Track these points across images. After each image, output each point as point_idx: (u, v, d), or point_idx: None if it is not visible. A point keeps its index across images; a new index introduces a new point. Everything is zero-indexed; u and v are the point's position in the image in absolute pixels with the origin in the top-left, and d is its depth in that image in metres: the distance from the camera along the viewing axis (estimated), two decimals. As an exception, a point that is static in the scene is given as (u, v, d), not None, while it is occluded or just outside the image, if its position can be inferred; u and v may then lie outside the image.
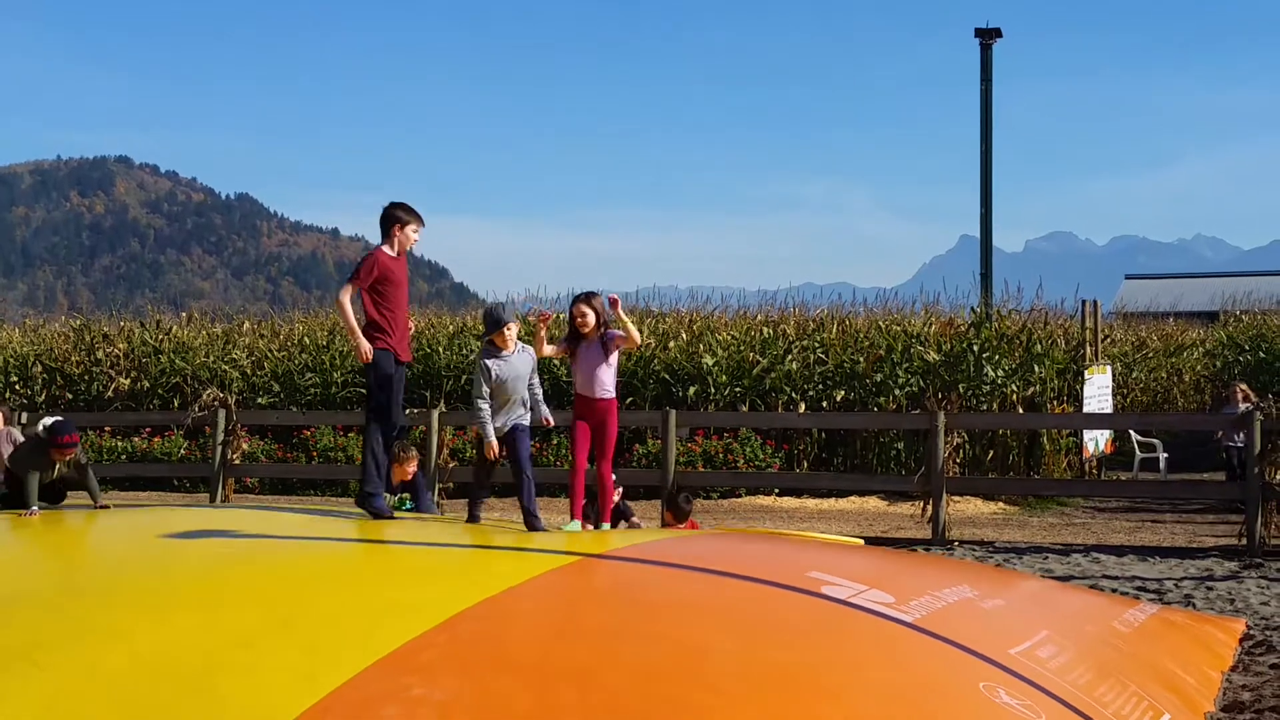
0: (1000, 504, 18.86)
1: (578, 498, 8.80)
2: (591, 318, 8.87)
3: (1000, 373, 20.35)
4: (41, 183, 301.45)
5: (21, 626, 5.75)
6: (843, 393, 21.09)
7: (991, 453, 20.22)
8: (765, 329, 23.17)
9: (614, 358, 8.89)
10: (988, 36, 23.47)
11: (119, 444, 22.69)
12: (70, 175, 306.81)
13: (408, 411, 19.92)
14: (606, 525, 8.94)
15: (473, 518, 9.00)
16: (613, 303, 8.89)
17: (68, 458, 9.66)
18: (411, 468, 11.88)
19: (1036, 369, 20.68)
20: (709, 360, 21.79)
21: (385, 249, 8.84)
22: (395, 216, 8.87)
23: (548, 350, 9.07)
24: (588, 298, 9.00)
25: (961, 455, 17.98)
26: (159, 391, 24.91)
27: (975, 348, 20.59)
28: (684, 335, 23.12)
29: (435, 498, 16.40)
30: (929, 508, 14.95)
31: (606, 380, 8.84)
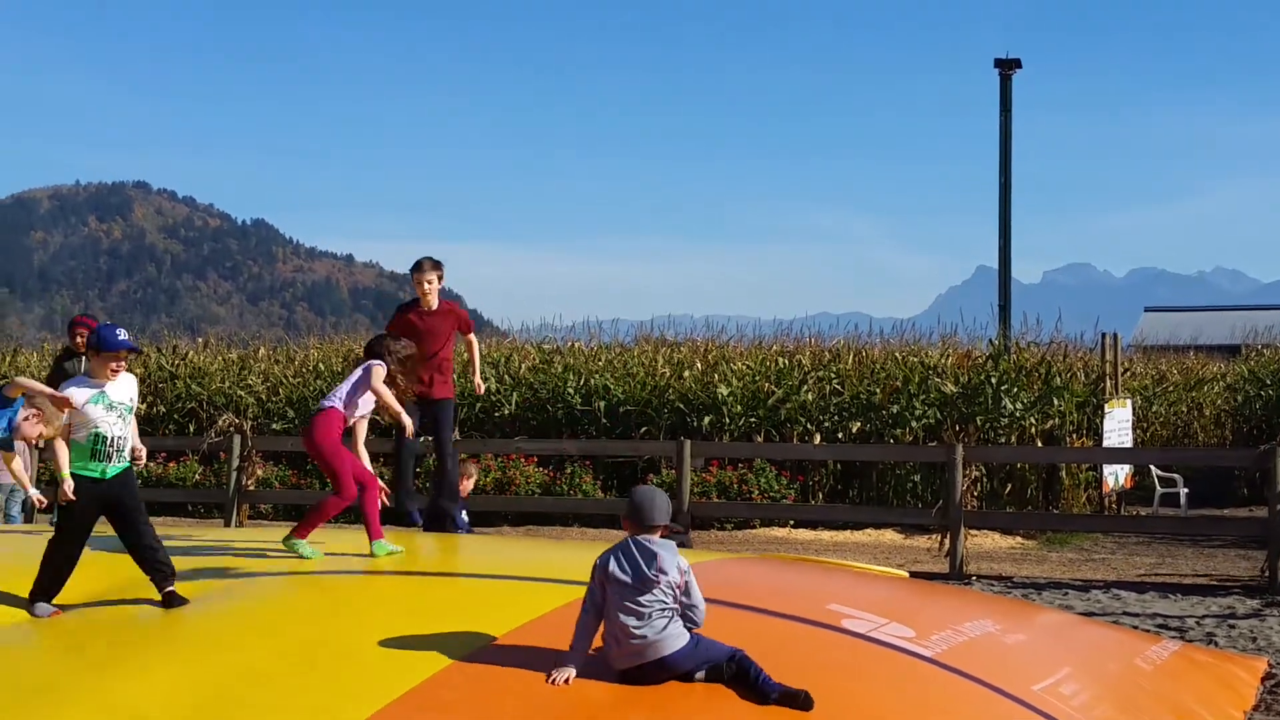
0: (1018, 538, 18.69)
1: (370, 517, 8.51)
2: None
3: (1019, 406, 20.22)
4: (60, 207, 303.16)
5: (43, 660, 5.72)
6: (859, 424, 20.96)
7: (1010, 486, 20.07)
8: (781, 359, 23.06)
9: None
10: (1007, 67, 23.45)
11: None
12: (88, 200, 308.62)
13: (420, 439, 19.94)
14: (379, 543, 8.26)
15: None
16: None
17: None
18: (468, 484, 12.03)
19: (1056, 402, 20.53)
20: (724, 390, 21.69)
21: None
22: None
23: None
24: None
25: (979, 488, 17.86)
26: (175, 417, 24.90)
27: (993, 380, 20.47)
28: (699, 365, 23.02)
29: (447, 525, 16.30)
30: (946, 541, 14.81)
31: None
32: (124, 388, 7.00)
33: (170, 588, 6.73)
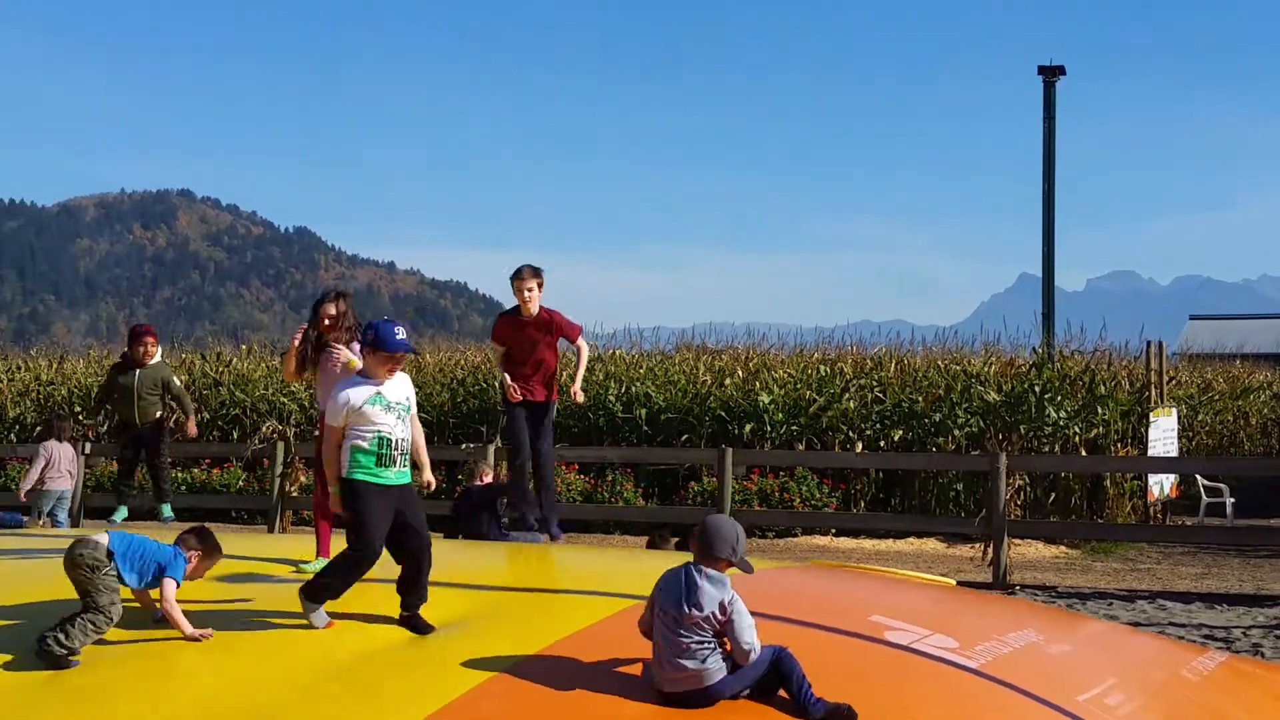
0: (1063, 548, 18.56)
1: (323, 531, 8.35)
2: (341, 320, 8.17)
3: (1063, 414, 20.08)
4: (105, 215, 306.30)
5: (88, 662, 5.76)
6: (901, 432, 20.89)
7: (1054, 495, 19.94)
8: (822, 367, 23.01)
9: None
10: (1051, 74, 23.33)
11: (179, 475, 22.83)
12: (134, 208, 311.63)
13: (464, 446, 20.03)
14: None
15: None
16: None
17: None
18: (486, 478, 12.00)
19: (1100, 411, 20.39)
20: (765, 398, 21.66)
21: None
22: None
23: (294, 374, 8.48)
24: (338, 294, 8.37)
25: (1023, 497, 17.78)
26: (219, 423, 25.08)
27: (1037, 388, 20.35)
28: (740, 373, 23.00)
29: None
30: (989, 551, 14.73)
31: None
32: (400, 387, 6.57)
33: (415, 613, 6.30)
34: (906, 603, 7.70)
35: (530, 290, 9.90)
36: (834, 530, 19.55)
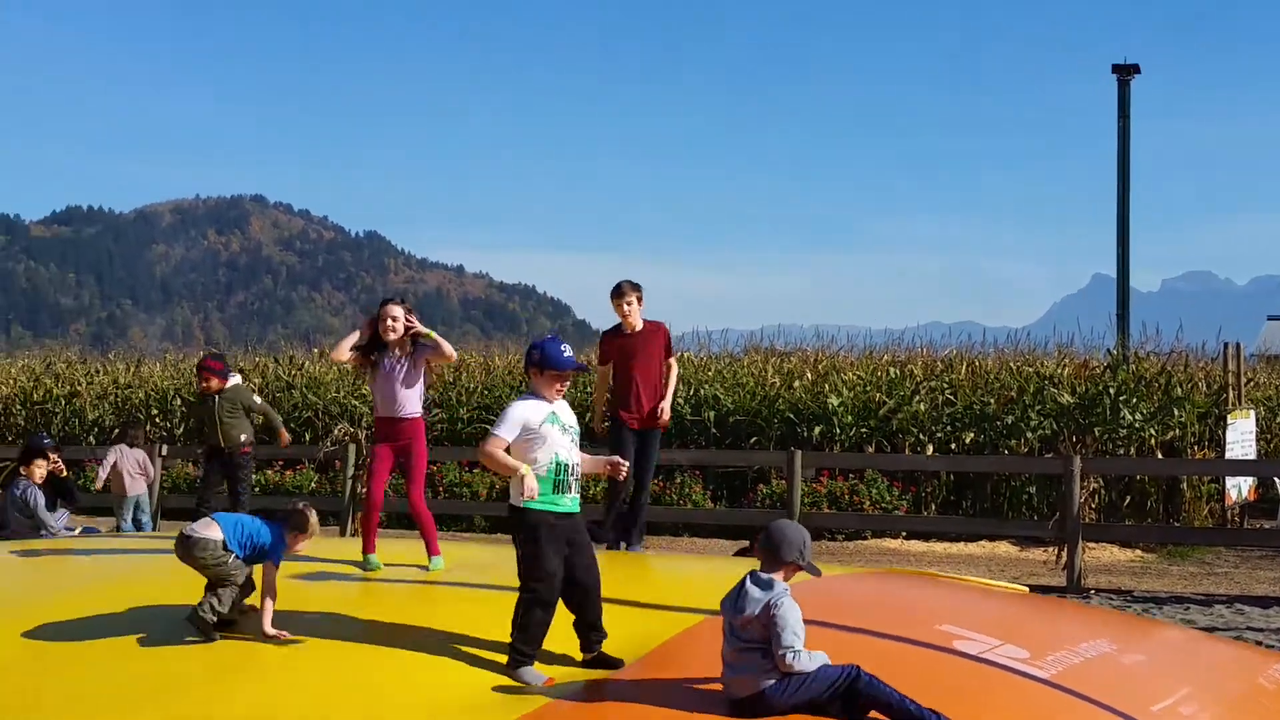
0: (1138, 551, 18.31)
1: (370, 534, 8.21)
2: (401, 324, 8.12)
3: (1138, 416, 19.80)
4: (181, 221, 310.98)
5: (170, 662, 5.83)
6: (972, 435, 20.70)
7: (1129, 498, 19.67)
8: (892, 369, 22.86)
9: (422, 371, 8.19)
10: (1125, 73, 23.05)
11: (252, 476, 23.11)
12: (208, 214, 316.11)
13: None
14: (438, 558, 8.12)
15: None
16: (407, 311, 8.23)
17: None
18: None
19: (1176, 413, 20.09)
20: (834, 400, 21.55)
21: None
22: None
23: (345, 355, 8.35)
24: (401, 299, 8.33)
25: (1097, 501, 17.56)
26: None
27: (1111, 390, 20.08)
28: (809, 375, 22.91)
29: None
30: (1063, 554, 14.56)
31: (416, 397, 8.19)
32: (569, 409, 6.24)
33: (600, 649, 5.99)
34: (976, 612, 7.63)
35: (630, 305, 9.60)
36: (904, 533, 19.41)
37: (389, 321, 8.01)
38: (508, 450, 5.93)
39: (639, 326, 9.72)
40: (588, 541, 6.09)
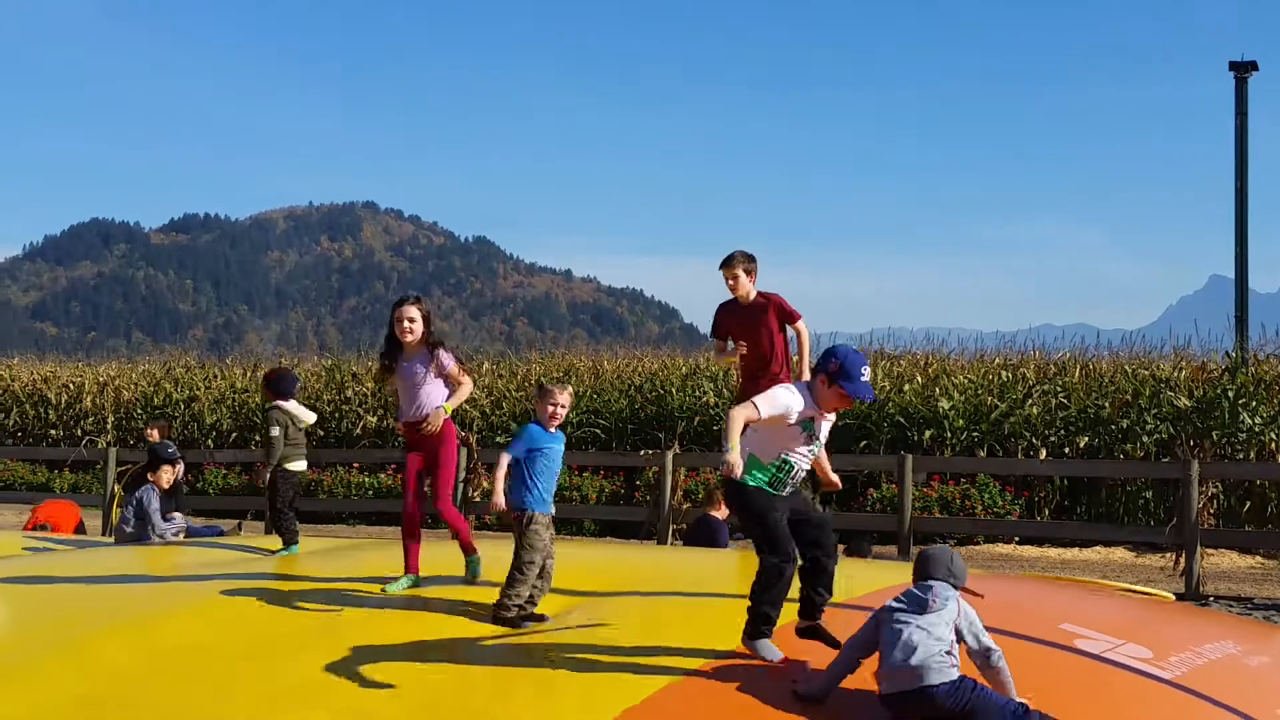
0: (1258, 558, 17.91)
1: (410, 554, 7.63)
2: (420, 325, 7.75)
3: (1258, 420, 19.38)
4: (294, 228, 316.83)
5: (286, 658, 5.98)
6: (1086, 439, 20.41)
7: (1249, 504, 19.25)
8: (1004, 372, 22.62)
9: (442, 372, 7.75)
10: (1242, 70, 22.55)
11: (366, 480, 23.48)
12: (321, 221, 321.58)
13: (642, 453, 20.22)
14: (477, 556, 7.65)
15: None
16: None
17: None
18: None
19: (1298, 416, 19.62)
20: (945, 404, 21.37)
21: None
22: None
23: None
24: (417, 298, 7.93)
25: (1216, 506, 17.22)
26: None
27: (1230, 393, 19.68)
28: (919, 378, 22.74)
29: (671, 539, 16.47)
30: (1181, 561, 14.31)
31: (439, 397, 7.79)
32: (828, 427, 5.99)
33: (819, 619, 5.88)
34: (1097, 612, 7.55)
35: (736, 276, 8.99)
36: (1017, 539, 19.18)
37: (405, 323, 7.70)
38: (747, 428, 5.72)
39: (751, 296, 9.18)
40: (805, 502, 5.95)
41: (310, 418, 10.64)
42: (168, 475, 12.36)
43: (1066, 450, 20.49)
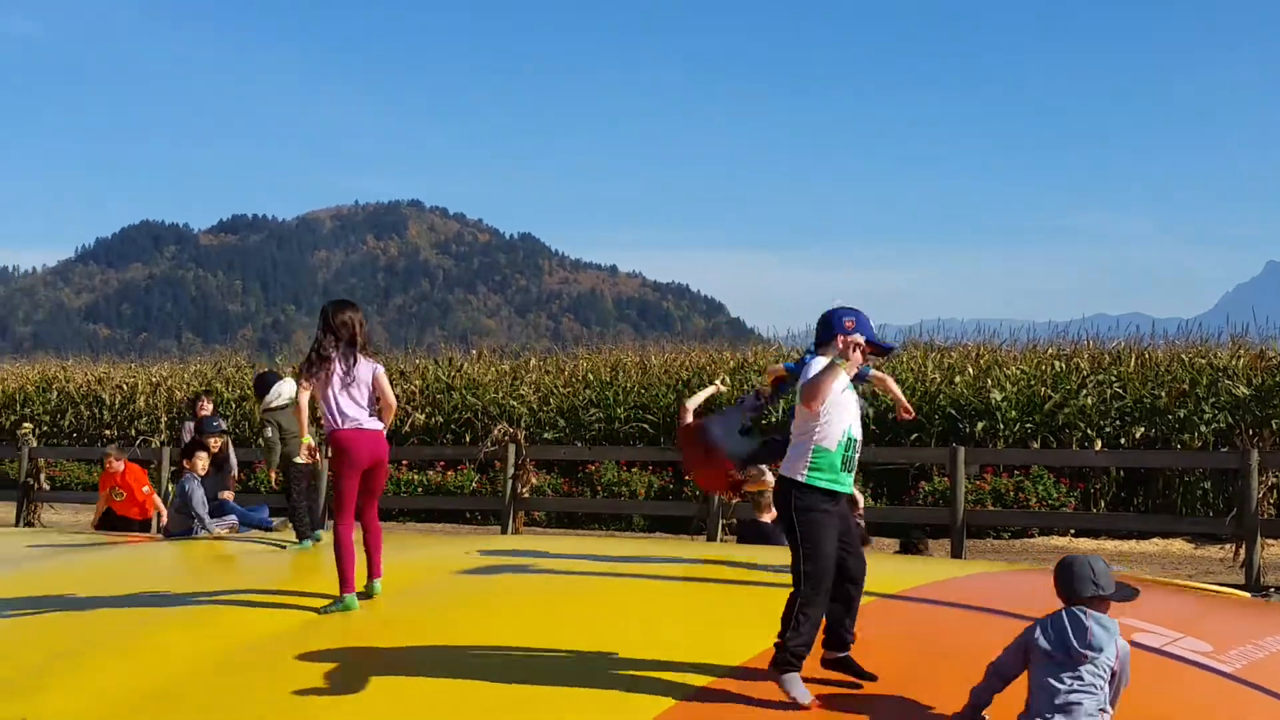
0: (1320, 548, 17.63)
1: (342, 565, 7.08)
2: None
3: (1319, 408, 19.09)
4: (341, 227, 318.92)
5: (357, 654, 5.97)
6: (1142, 429, 20.17)
7: (1311, 493, 18.96)
8: (1057, 362, 22.38)
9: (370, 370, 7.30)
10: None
11: (415, 477, 23.53)
12: (367, 220, 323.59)
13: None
14: (377, 583, 7.20)
15: None
16: None
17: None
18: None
19: (1359, 403, 19.31)
20: (997, 395, 21.17)
21: None
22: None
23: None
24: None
25: (1276, 495, 16.93)
26: (451, 426, 25.73)
27: (1290, 381, 19.39)
28: (970, 370, 22.54)
29: (720, 534, 16.38)
30: (1241, 552, 14.09)
31: (365, 404, 7.29)
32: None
33: (848, 653, 5.49)
34: (1156, 605, 7.42)
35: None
36: (1073, 531, 18.99)
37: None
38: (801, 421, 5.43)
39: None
40: (852, 528, 5.54)
41: (290, 391, 10.53)
42: (203, 461, 11.93)
43: (1122, 441, 20.26)
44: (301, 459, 8.80)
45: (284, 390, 10.54)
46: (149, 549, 10.96)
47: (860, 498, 6.38)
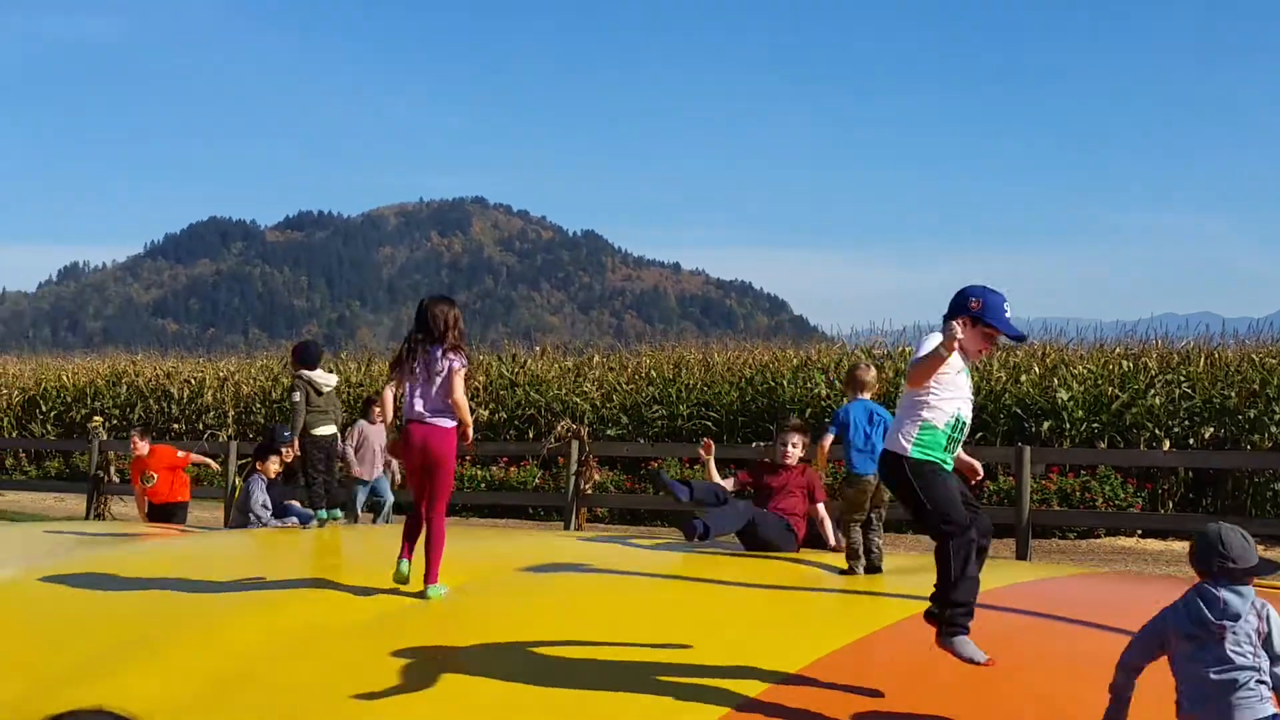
0: (1394, 552, 17.33)
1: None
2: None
3: (1392, 408, 18.74)
4: (405, 224, 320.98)
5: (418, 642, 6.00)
6: (1212, 429, 19.88)
7: (1383, 496, 18.63)
8: (1125, 362, 22.11)
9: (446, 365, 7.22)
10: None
11: (479, 473, 23.63)
12: (431, 216, 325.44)
13: (754, 445, 20.06)
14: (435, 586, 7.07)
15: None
16: None
17: None
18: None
19: None
20: (1064, 394, 20.95)
21: None
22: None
23: None
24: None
25: (1350, 498, 16.67)
26: (515, 422, 25.81)
27: (1363, 381, 19.05)
28: (1036, 369, 22.31)
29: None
30: (1314, 555, 13.86)
31: (433, 398, 7.33)
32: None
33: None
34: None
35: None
36: (1140, 531, 18.75)
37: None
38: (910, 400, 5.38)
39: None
40: (967, 491, 5.42)
41: (331, 380, 11.05)
42: (275, 465, 12.07)
43: (1191, 441, 19.98)
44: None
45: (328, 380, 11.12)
46: (217, 538, 11.09)
47: (979, 465, 6.17)
